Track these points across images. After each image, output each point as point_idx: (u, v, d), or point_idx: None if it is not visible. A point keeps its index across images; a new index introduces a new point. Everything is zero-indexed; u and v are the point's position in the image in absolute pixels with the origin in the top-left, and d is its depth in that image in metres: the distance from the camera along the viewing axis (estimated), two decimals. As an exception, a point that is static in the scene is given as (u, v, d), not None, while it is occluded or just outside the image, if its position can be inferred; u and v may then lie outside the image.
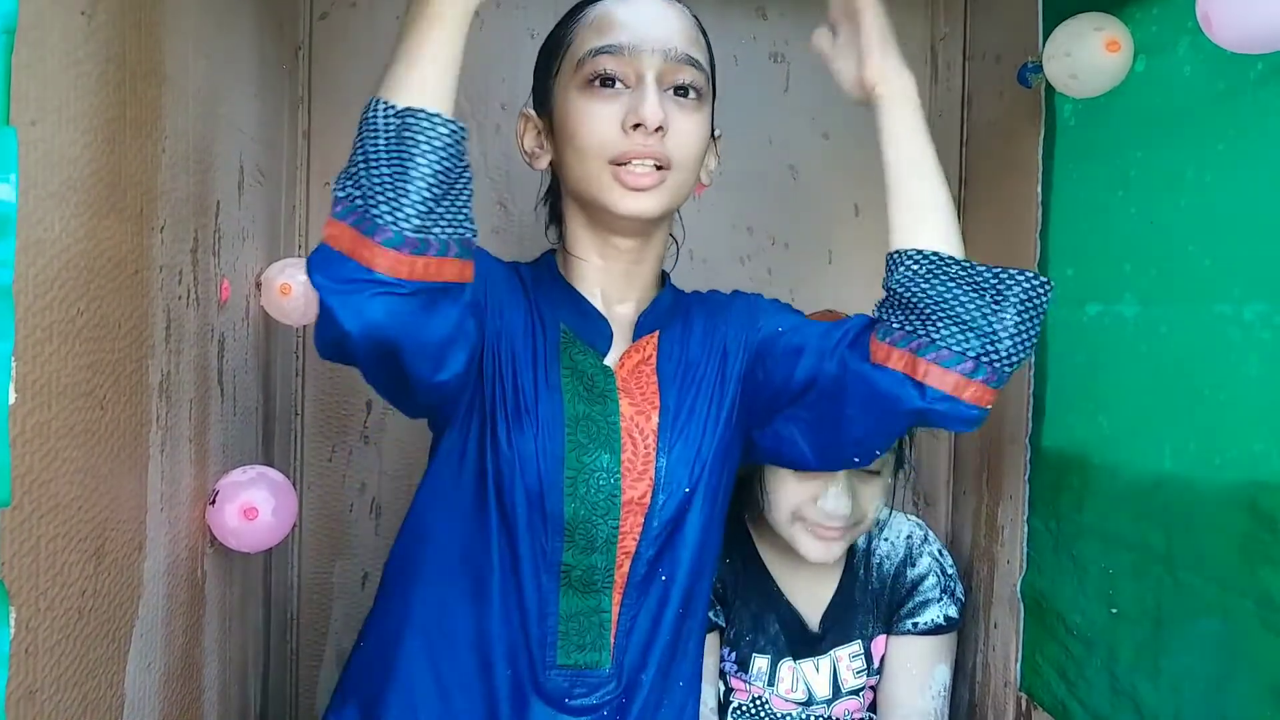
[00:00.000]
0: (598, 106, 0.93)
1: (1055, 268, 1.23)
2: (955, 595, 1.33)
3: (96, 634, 0.77)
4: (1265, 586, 0.87)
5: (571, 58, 0.96)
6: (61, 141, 0.67)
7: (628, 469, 0.98)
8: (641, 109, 0.91)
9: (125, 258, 0.80)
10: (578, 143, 0.94)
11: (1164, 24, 1.03)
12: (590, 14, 0.97)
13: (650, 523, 0.98)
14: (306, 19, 1.50)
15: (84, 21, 0.70)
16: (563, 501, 0.96)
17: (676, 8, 0.98)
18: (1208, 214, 0.97)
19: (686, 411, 1.01)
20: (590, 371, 0.99)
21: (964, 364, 0.87)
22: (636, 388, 1.00)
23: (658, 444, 0.99)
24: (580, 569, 0.97)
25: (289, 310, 1.24)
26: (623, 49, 0.93)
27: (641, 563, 0.99)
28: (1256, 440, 0.88)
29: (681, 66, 0.94)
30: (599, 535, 0.97)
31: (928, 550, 1.34)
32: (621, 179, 0.93)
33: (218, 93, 1.05)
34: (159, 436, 0.90)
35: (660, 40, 0.94)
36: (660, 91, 0.93)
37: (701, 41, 1.00)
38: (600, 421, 0.98)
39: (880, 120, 0.96)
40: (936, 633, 1.32)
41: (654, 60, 0.93)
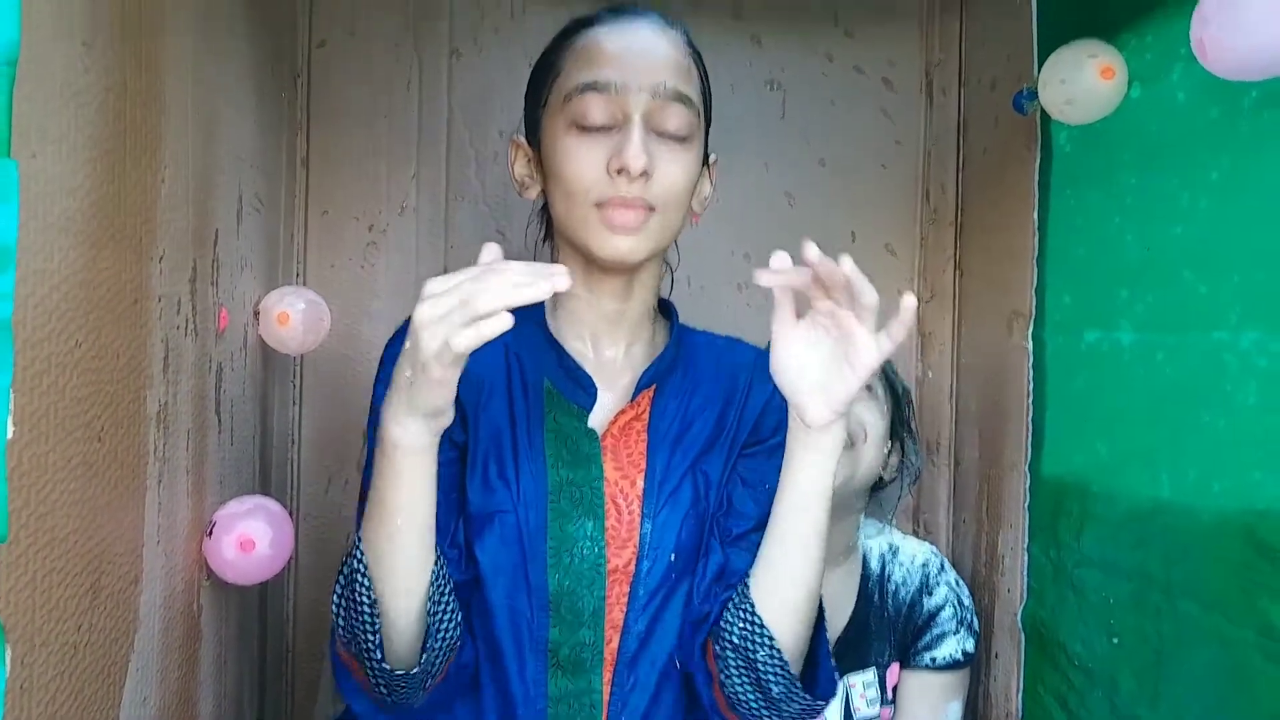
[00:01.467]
0: (583, 149, 0.90)
1: (1052, 294, 1.24)
2: (972, 628, 1.31)
3: (91, 669, 0.76)
4: (1265, 616, 0.86)
5: (559, 90, 0.93)
6: (61, 172, 0.67)
7: (612, 536, 0.93)
8: (625, 155, 0.87)
9: (124, 288, 0.79)
10: (563, 183, 0.92)
11: (1158, 51, 1.04)
12: (579, 41, 0.94)
13: (636, 591, 0.93)
14: (305, 47, 1.50)
15: (84, 51, 0.70)
16: (546, 573, 0.92)
17: (668, 35, 0.94)
18: (1203, 241, 0.97)
19: (677, 474, 0.96)
20: (574, 435, 0.95)
21: (745, 716, 0.91)
22: (624, 448, 0.96)
23: (642, 509, 0.95)
24: (568, 647, 0.93)
25: (287, 338, 1.24)
26: (610, 86, 0.89)
27: (630, 637, 0.94)
28: (1255, 468, 0.88)
29: (669, 105, 0.91)
30: (585, 607, 0.92)
31: (944, 580, 1.32)
32: (606, 220, 0.90)
33: (216, 121, 1.06)
34: (156, 468, 0.89)
35: (648, 76, 0.90)
36: (646, 133, 0.90)
37: (693, 70, 0.95)
38: (584, 487, 0.94)
39: (794, 461, 0.87)
40: (953, 668, 1.30)
41: (641, 99, 0.90)
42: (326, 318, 1.30)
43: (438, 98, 1.54)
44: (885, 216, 1.62)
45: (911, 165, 1.62)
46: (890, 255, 1.62)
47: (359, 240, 1.53)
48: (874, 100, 1.61)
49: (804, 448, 0.86)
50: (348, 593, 0.82)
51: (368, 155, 1.53)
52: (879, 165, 1.61)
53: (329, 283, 1.50)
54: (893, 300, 1.67)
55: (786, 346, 0.84)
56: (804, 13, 1.59)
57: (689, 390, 1.00)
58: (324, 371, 1.51)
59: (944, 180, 1.60)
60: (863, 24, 1.60)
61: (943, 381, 1.59)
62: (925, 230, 1.62)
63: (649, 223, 0.91)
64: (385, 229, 1.54)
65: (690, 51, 0.96)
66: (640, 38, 0.93)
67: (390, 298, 1.52)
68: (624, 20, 0.94)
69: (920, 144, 1.62)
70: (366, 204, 1.53)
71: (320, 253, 1.52)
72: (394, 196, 1.54)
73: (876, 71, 1.61)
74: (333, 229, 1.52)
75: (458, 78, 1.55)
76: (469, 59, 1.55)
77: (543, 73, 0.98)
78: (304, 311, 1.24)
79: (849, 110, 1.59)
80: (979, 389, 1.47)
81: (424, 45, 1.54)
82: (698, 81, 0.96)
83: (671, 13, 1.00)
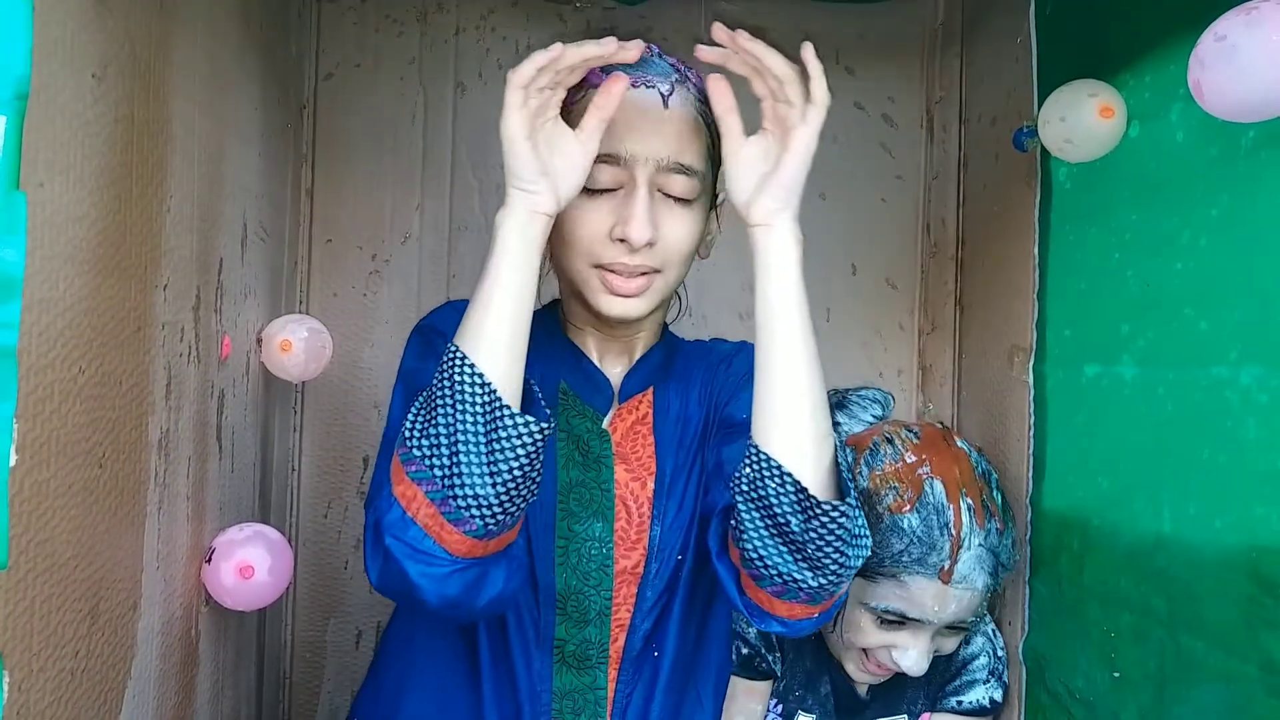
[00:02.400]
0: (589, 211, 0.90)
1: (1053, 328, 1.24)
2: (1002, 679, 1.30)
3: (89, 695, 0.76)
4: (1268, 651, 0.86)
5: None
6: (69, 201, 0.68)
7: (621, 538, 0.94)
8: (629, 227, 0.87)
9: (128, 315, 0.80)
10: (567, 241, 0.91)
11: (1156, 91, 1.05)
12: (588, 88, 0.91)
13: (644, 593, 0.95)
14: (311, 79, 1.52)
15: (94, 84, 0.71)
16: (554, 571, 0.93)
17: (678, 105, 0.92)
18: (1203, 277, 0.97)
19: (684, 474, 0.97)
20: (585, 436, 0.96)
21: (774, 585, 0.83)
22: (632, 452, 0.97)
23: (652, 511, 0.96)
24: (574, 644, 0.94)
25: (289, 367, 1.24)
26: (619, 159, 0.89)
27: (637, 636, 0.95)
28: (1257, 503, 0.88)
29: (674, 176, 0.90)
30: (591, 607, 0.94)
31: (981, 630, 1.31)
32: (608, 282, 0.91)
33: (223, 152, 1.07)
34: (156, 494, 0.89)
35: (656, 149, 0.89)
36: (651, 197, 0.90)
37: (701, 130, 0.93)
38: (594, 489, 0.95)
39: (757, 277, 0.85)
40: (979, 714, 1.29)
41: (647, 169, 0.89)
42: (329, 346, 1.31)
43: (442, 130, 1.56)
44: (886, 250, 1.63)
45: (912, 200, 1.63)
46: (891, 288, 1.63)
47: (362, 269, 1.54)
48: (875, 136, 1.62)
49: (760, 255, 0.85)
50: (436, 393, 0.78)
51: (372, 186, 1.54)
52: (880, 199, 1.62)
53: (331, 311, 1.51)
54: (894, 333, 1.68)
55: (737, 162, 0.86)
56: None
57: (684, 391, 1.01)
58: (325, 399, 1.51)
59: (944, 215, 1.61)
60: (864, 61, 1.62)
61: (943, 414, 1.59)
62: (926, 264, 1.63)
63: (652, 284, 0.92)
64: (388, 258, 1.54)
65: (700, 107, 0.94)
66: (650, 109, 0.91)
67: (392, 327, 1.53)
68: (637, 90, 0.91)
69: (921, 179, 1.63)
70: (370, 233, 1.54)
71: (323, 281, 1.53)
72: (397, 226, 1.55)
73: (877, 108, 1.62)
74: (336, 258, 1.53)
75: (462, 111, 1.56)
76: (473, 93, 1.56)
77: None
78: (306, 339, 1.25)
79: (850, 145, 1.61)
80: (980, 422, 1.48)
81: (429, 79, 1.56)
82: (705, 139, 0.94)
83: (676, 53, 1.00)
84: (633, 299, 0.91)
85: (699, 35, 1.58)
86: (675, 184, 0.90)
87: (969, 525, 1.16)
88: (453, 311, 0.93)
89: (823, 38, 1.60)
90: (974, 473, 1.21)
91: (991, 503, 1.20)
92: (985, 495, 1.20)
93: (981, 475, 1.23)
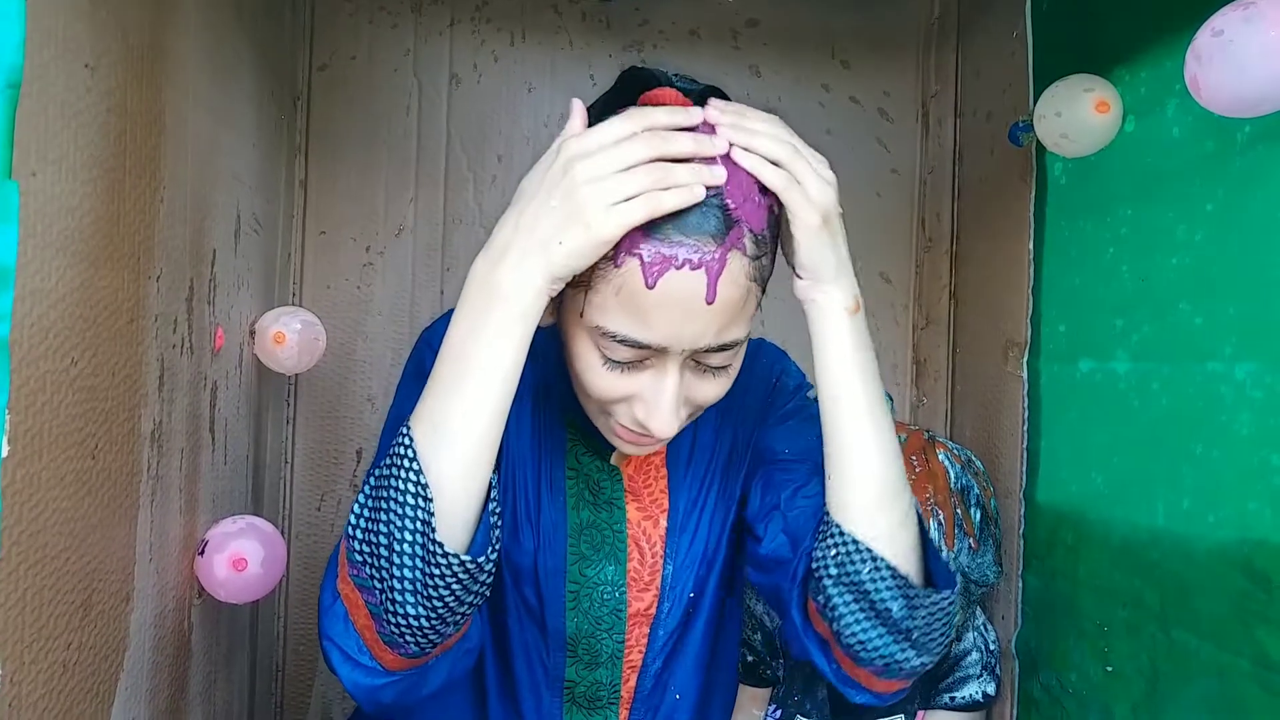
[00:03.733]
0: (609, 377, 0.76)
1: (1048, 323, 1.24)
2: (995, 672, 1.31)
3: (81, 688, 0.76)
4: (1261, 646, 0.86)
5: (588, 307, 0.74)
6: (61, 191, 0.67)
7: (634, 580, 0.91)
8: (651, 419, 0.76)
9: (120, 306, 0.80)
10: (583, 389, 0.80)
11: (1153, 86, 1.05)
12: (619, 258, 0.71)
13: (655, 632, 0.92)
14: (305, 70, 1.51)
15: (87, 74, 0.70)
16: (564, 616, 0.89)
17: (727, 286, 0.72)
18: (1198, 273, 0.97)
19: (698, 508, 0.93)
20: (596, 475, 0.91)
21: (874, 665, 0.80)
22: (644, 488, 0.92)
23: (665, 550, 0.91)
24: (584, 685, 0.91)
25: (282, 359, 1.24)
26: (647, 346, 0.73)
27: (648, 676, 0.93)
28: (1250, 498, 0.88)
29: (713, 355, 0.76)
30: (603, 650, 0.91)
31: (973, 624, 1.32)
32: (622, 435, 0.81)
33: (216, 142, 1.06)
34: (149, 486, 0.89)
35: (693, 338, 0.73)
36: (682, 377, 0.76)
37: (753, 297, 0.76)
38: (606, 530, 0.90)
39: (816, 348, 0.79)
40: (971, 709, 1.30)
41: (683, 354, 0.75)
42: (322, 338, 1.30)
43: (437, 122, 1.55)
44: (881, 244, 1.63)
45: (907, 194, 1.63)
46: (886, 283, 1.63)
47: (356, 262, 1.53)
48: (870, 130, 1.62)
49: (814, 326, 0.78)
50: (381, 488, 0.71)
51: (366, 178, 1.53)
52: (875, 193, 1.62)
53: (325, 303, 1.50)
54: (889, 328, 1.68)
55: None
56: (802, 44, 1.61)
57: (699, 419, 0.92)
58: (318, 392, 1.51)
59: (939, 209, 1.61)
60: (859, 56, 1.62)
61: (938, 409, 1.59)
62: (921, 258, 1.63)
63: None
64: (382, 251, 1.54)
65: (754, 266, 0.75)
66: (692, 302, 0.72)
67: (386, 319, 1.53)
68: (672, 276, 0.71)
69: (916, 173, 1.63)
70: (364, 226, 1.54)
71: (317, 273, 1.52)
72: (391, 219, 1.54)
73: (873, 102, 1.62)
74: (330, 250, 1.53)
75: (457, 103, 1.56)
76: (468, 85, 1.56)
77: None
78: (299, 332, 1.24)
79: (845, 140, 1.61)
80: (974, 417, 1.48)
81: (424, 71, 1.55)
82: (756, 296, 0.77)
83: (670, 48, 0.98)
84: (652, 445, 0.83)
85: (696, 29, 1.58)
86: (716, 357, 0.77)
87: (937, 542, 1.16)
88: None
89: (819, 31, 1.60)
90: (949, 490, 1.22)
91: (966, 521, 1.21)
92: (960, 512, 1.21)
93: (959, 491, 1.23)
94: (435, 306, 1.54)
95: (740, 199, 0.73)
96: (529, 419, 0.92)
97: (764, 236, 0.75)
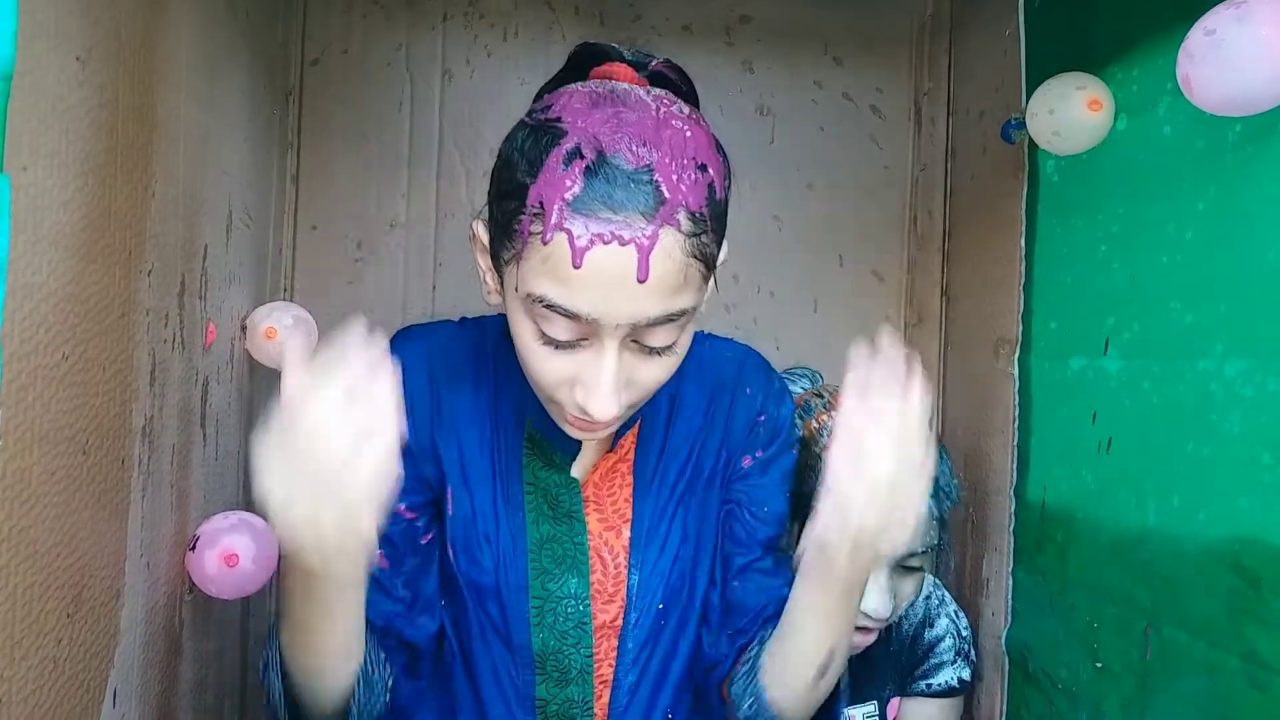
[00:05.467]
0: (548, 357, 0.75)
1: (1039, 321, 1.24)
2: (969, 657, 1.32)
3: (71, 684, 0.75)
4: (1251, 644, 0.87)
5: (520, 278, 0.74)
6: (53, 186, 0.67)
7: (597, 592, 0.89)
8: (590, 401, 0.74)
9: (112, 301, 0.79)
10: (526, 371, 0.79)
11: (1145, 84, 1.05)
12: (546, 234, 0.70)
13: (624, 644, 0.90)
14: (297, 64, 1.51)
15: (78, 67, 0.70)
16: (529, 632, 0.88)
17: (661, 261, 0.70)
18: (1189, 271, 0.98)
19: (665, 519, 0.91)
20: (554, 489, 0.89)
21: None
22: (607, 498, 0.91)
23: (629, 560, 0.90)
24: (556, 704, 0.90)
25: (274, 354, 1.23)
26: (579, 317, 0.71)
27: (622, 692, 0.91)
28: (1240, 496, 0.89)
29: (654, 328, 0.73)
30: (572, 665, 0.89)
31: (945, 611, 1.32)
32: (571, 421, 0.80)
33: (208, 137, 1.06)
34: (140, 481, 0.89)
35: (629, 313, 0.71)
36: (621, 357, 0.74)
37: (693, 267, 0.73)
38: (567, 543, 0.89)
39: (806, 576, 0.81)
40: (948, 694, 1.30)
41: (618, 331, 0.73)
42: (314, 334, 1.30)
43: (429, 117, 1.55)
44: (872, 241, 1.63)
45: (899, 191, 1.63)
46: (877, 280, 1.63)
47: (347, 256, 1.53)
48: (862, 127, 1.62)
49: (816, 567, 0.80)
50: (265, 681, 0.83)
51: (358, 172, 1.53)
52: (867, 191, 1.62)
53: (317, 298, 1.50)
54: (880, 324, 1.68)
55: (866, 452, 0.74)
56: (794, 41, 1.60)
57: (672, 414, 0.93)
58: (310, 388, 1.50)
59: (931, 207, 1.61)
60: (852, 52, 1.62)
61: (928, 406, 1.59)
62: (912, 256, 1.63)
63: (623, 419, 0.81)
64: (374, 246, 1.54)
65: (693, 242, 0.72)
66: (624, 262, 0.70)
67: (377, 315, 1.52)
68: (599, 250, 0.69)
69: (908, 170, 1.63)
70: (356, 221, 1.53)
71: (308, 268, 1.52)
72: (383, 214, 1.54)
73: (865, 99, 1.62)
74: (321, 245, 1.52)
75: (449, 98, 1.55)
76: (461, 79, 1.55)
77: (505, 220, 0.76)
78: (291, 327, 1.24)
79: (837, 136, 1.61)
80: (965, 414, 1.48)
81: (416, 65, 1.55)
82: (699, 271, 0.74)
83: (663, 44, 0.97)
84: (604, 429, 0.81)
85: (689, 25, 1.57)
86: (657, 335, 0.74)
87: None
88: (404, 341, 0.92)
89: (811, 28, 1.60)
90: None
91: None
92: None
93: None
94: (427, 302, 1.53)
95: (673, 177, 0.71)
96: (488, 441, 0.90)
97: (702, 214, 0.72)
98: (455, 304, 1.51)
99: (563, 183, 0.70)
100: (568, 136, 0.71)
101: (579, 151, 0.70)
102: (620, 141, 0.70)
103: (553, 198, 0.70)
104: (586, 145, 0.70)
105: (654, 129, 0.72)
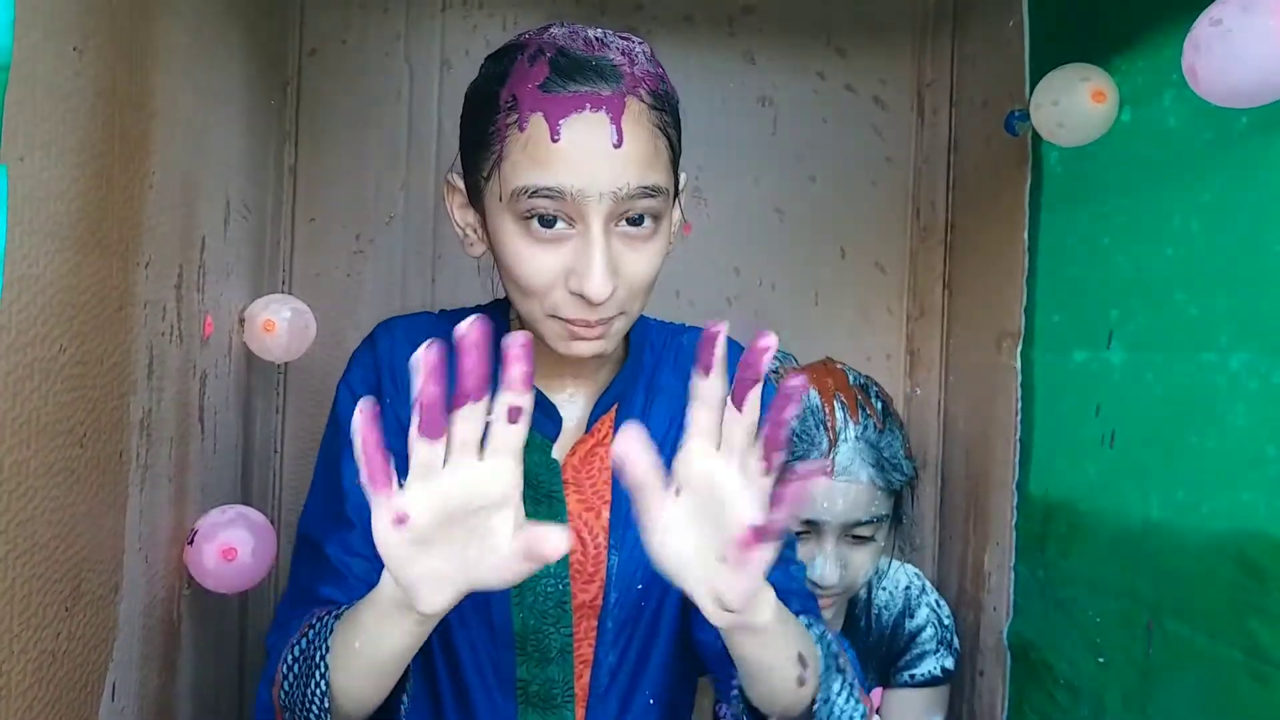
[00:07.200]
0: (537, 254, 0.79)
1: (1042, 313, 1.24)
2: (952, 646, 1.32)
3: (69, 678, 0.75)
4: (1254, 637, 0.86)
5: (504, 179, 0.79)
6: (50, 176, 0.66)
7: (577, 572, 0.90)
8: (585, 284, 0.77)
9: (110, 293, 0.79)
10: (515, 282, 0.82)
11: (1150, 76, 1.05)
12: (527, 126, 0.78)
13: (604, 624, 0.90)
14: (296, 55, 1.50)
15: (75, 57, 0.69)
16: (510, 611, 0.89)
17: (632, 113, 0.78)
18: (1194, 263, 0.97)
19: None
20: (534, 470, 0.89)
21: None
22: (587, 478, 0.92)
23: (609, 540, 0.90)
24: (537, 684, 0.90)
25: (272, 347, 1.23)
26: (563, 193, 0.77)
27: (603, 672, 0.91)
28: (1244, 489, 0.89)
29: (635, 202, 0.79)
30: (552, 645, 0.90)
31: (925, 601, 1.33)
32: (566, 330, 0.82)
33: (206, 127, 1.05)
34: (138, 475, 0.88)
35: (610, 180, 0.77)
36: (609, 236, 0.79)
37: (660, 140, 0.81)
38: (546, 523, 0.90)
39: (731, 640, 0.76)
40: (932, 684, 1.31)
41: (602, 206, 0.77)
42: (312, 326, 1.29)
43: (428, 108, 1.54)
44: (875, 233, 1.62)
45: (902, 183, 1.62)
46: (880, 272, 1.63)
47: (346, 249, 1.52)
48: (865, 118, 1.61)
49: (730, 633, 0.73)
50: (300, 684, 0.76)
51: (356, 164, 1.52)
52: (869, 182, 1.61)
53: (315, 291, 1.49)
54: (882, 317, 1.68)
55: (654, 530, 0.68)
56: (797, 32, 1.60)
57: (649, 402, 0.95)
58: (308, 380, 1.50)
59: (934, 198, 1.60)
60: (855, 43, 1.61)
61: (931, 399, 1.59)
62: (915, 247, 1.62)
63: (614, 324, 0.84)
64: (373, 238, 1.53)
65: (657, 115, 0.81)
66: (598, 130, 0.77)
67: (376, 307, 1.51)
68: (574, 118, 0.77)
69: (911, 162, 1.62)
70: (354, 213, 1.52)
71: (306, 261, 1.51)
72: (382, 206, 1.53)
73: (868, 90, 1.61)
74: (320, 237, 1.52)
75: (448, 89, 1.54)
76: (460, 70, 1.54)
77: (479, 134, 0.83)
78: (289, 319, 1.23)
79: (840, 128, 1.60)
80: (967, 407, 1.48)
81: (415, 56, 1.54)
82: (666, 149, 0.82)
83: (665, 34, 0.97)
84: (597, 341, 0.83)
85: (690, 15, 1.57)
86: (638, 206, 0.79)
87: (843, 419, 1.24)
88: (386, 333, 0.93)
89: (815, 18, 1.60)
90: (849, 382, 1.28)
91: (869, 406, 1.26)
92: (861, 399, 1.26)
93: (858, 386, 1.29)
94: (426, 294, 1.53)
95: (629, 63, 0.80)
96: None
97: (660, 94, 0.81)
98: (454, 296, 1.50)
99: (530, 74, 0.79)
100: (528, 46, 0.81)
101: (541, 50, 0.80)
102: (576, 41, 0.80)
103: (523, 87, 0.78)
104: (547, 46, 0.80)
105: (604, 34, 0.83)
